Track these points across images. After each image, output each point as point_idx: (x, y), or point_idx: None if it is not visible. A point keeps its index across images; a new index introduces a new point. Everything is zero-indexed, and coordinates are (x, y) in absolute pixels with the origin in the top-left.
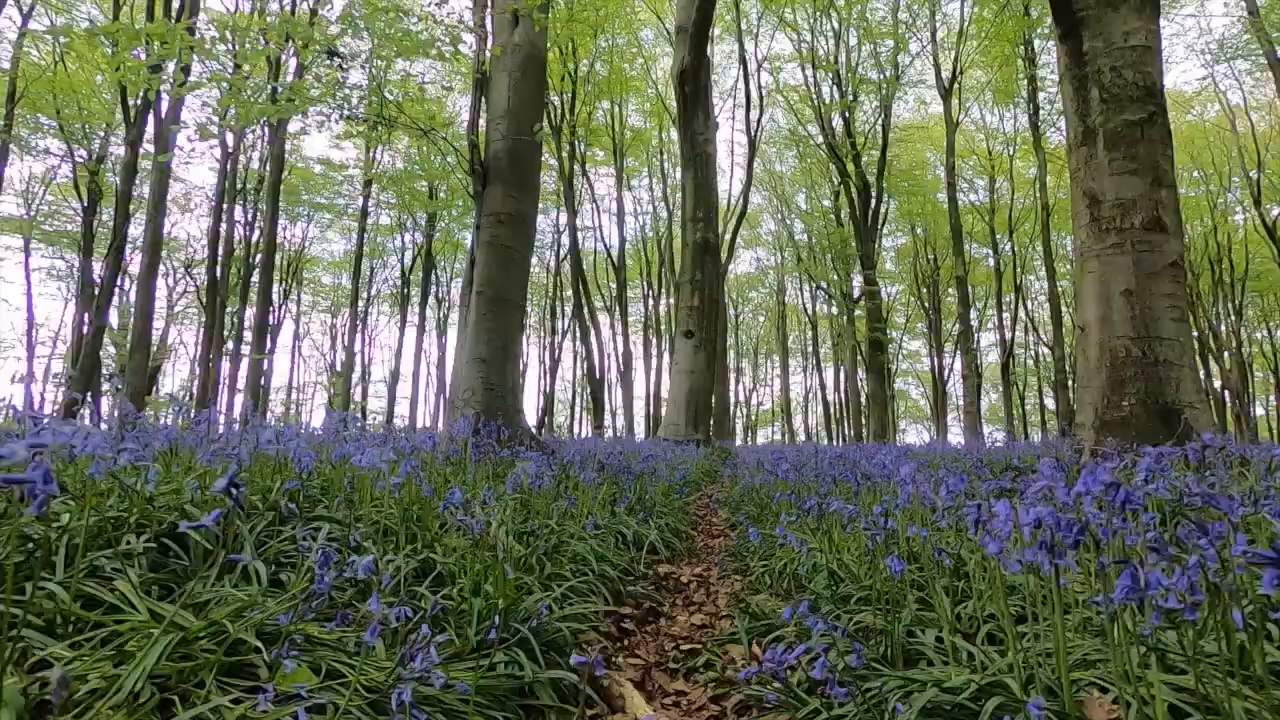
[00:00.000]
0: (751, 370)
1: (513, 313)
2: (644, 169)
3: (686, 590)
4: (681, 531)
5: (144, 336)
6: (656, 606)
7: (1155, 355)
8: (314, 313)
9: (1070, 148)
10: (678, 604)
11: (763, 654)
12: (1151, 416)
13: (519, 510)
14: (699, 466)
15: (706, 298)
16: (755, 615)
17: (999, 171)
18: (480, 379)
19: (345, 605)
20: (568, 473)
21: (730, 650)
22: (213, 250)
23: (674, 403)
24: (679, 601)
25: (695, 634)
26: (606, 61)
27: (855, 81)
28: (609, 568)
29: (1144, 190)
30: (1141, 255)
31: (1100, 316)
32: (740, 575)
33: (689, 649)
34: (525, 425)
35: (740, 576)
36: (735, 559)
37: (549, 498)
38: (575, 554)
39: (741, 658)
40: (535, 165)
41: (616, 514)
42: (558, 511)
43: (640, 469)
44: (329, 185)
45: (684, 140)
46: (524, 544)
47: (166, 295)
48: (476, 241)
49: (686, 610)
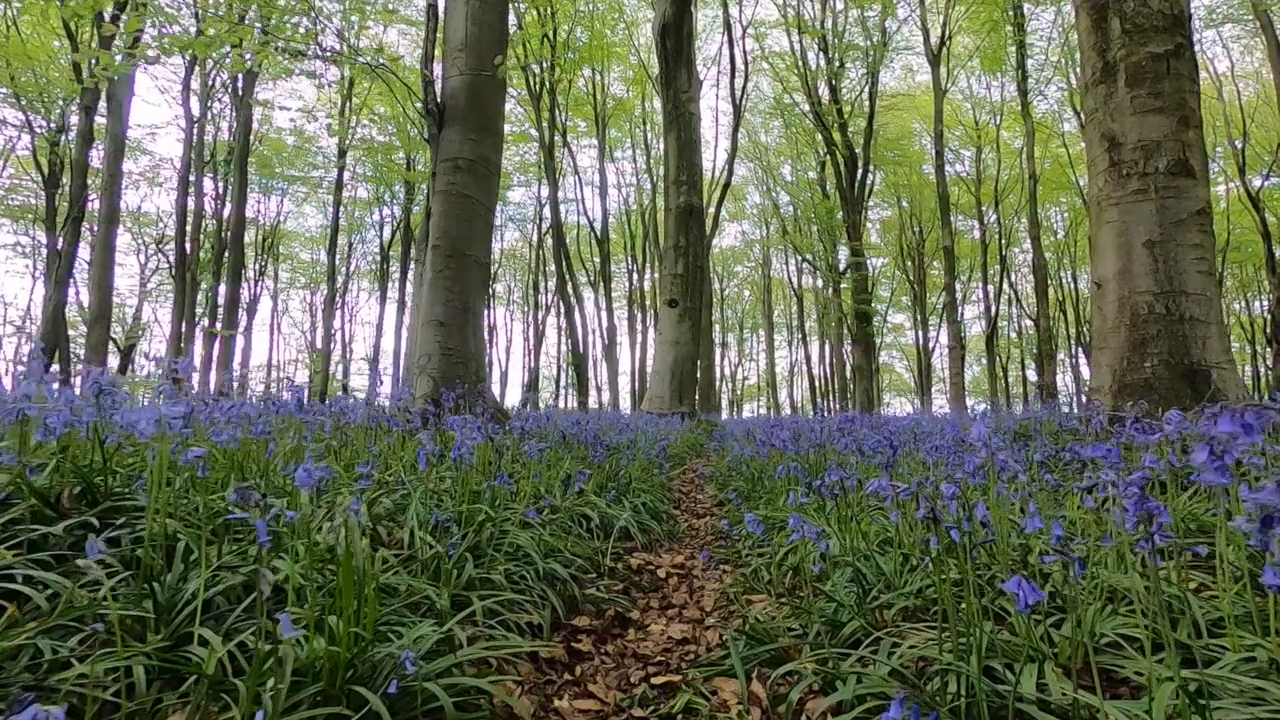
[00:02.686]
0: (737, 344)
1: (474, 270)
2: (627, 140)
3: (665, 588)
4: (661, 512)
5: (103, 310)
6: (624, 613)
7: (1180, 311)
8: (292, 289)
9: (1086, 86)
10: (652, 607)
11: (767, 694)
12: (1176, 378)
13: (459, 491)
14: (683, 439)
15: (691, 265)
16: (755, 634)
17: (985, 142)
18: (437, 343)
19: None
20: (523, 446)
21: (721, 689)
22: (180, 224)
23: (658, 374)
24: (654, 604)
25: (674, 654)
26: (586, 27)
27: (842, 48)
28: (559, 565)
29: (1170, 130)
30: (1166, 202)
31: (1119, 270)
32: (730, 565)
33: (664, 682)
34: (490, 395)
35: (730, 567)
36: (724, 544)
37: (486, 475)
38: (516, 548)
39: (737, 700)
40: (498, 105)
41: (585, 494)
42: (492, 492)
43: (615, 442)
44: (303, 157)
45: (666, 99)
46: (443, 537)
47: (139, 272)
48: (432, 190)
49: (663, 616)
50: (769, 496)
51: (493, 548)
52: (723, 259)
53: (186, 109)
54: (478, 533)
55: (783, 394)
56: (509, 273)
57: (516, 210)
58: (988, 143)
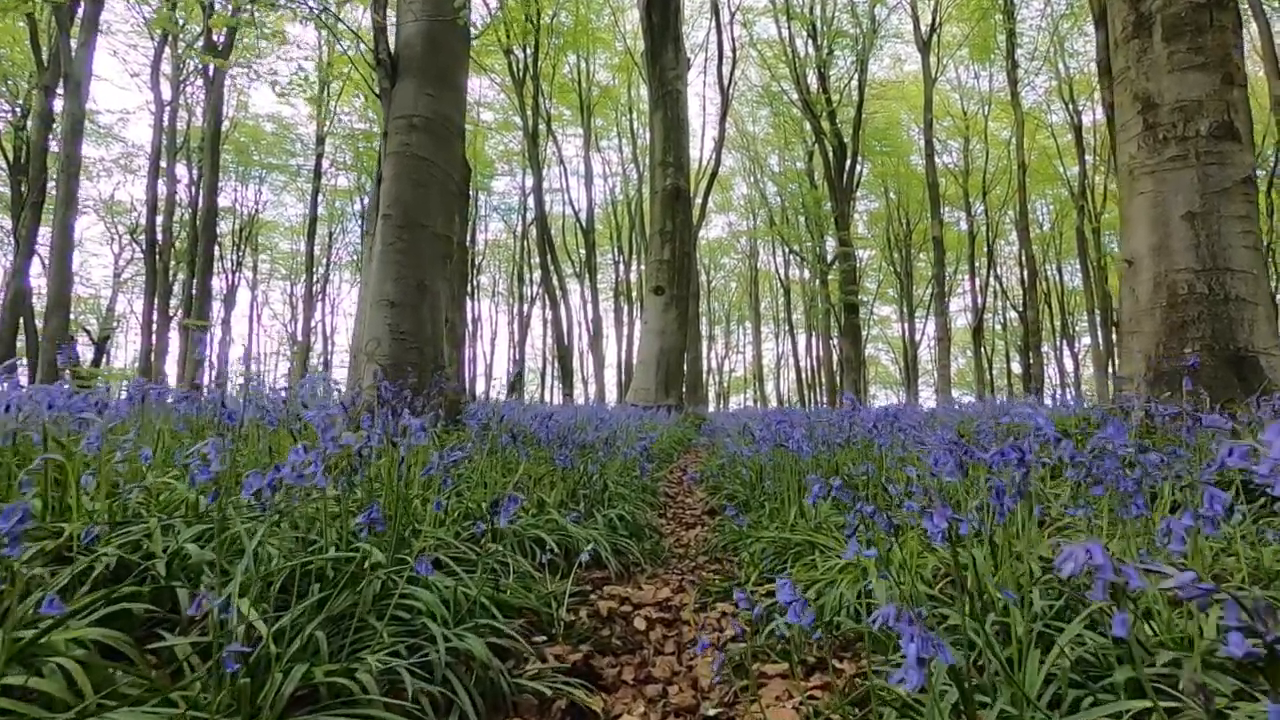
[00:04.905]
0: (724, 337)
1: (431, 242)
2: (613, 130)
3: (644, 646)
4: (643, 526)
5: (61, 298)
6: (582, 704)
7: (1225, 291)
8: (273, 281)
9: (1116, 44)
10: (625, 681)
11: None
12: (1221, 365)
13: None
14: (670, 434)
15: (678, 250)
16: None
17: (974, 132)
18: (388, 326)
19: None
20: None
21: None
22: (151, 210)
23: (643, 365)
24: (628, 675)
25: None
26: (571, 11)
27: (831, 35)
28: (473, 639)
29: (1212, 89)
30: (1209, 169)
31: (1155, 246)
32: (730, 603)
33: None
34: (450, 385)
35: (730, 607)
36: (720, 568)
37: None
38: (412, 611)
39: None
40: (460, 57)
41: (546, 508)
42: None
43: (590, 439)
44: (280, 144)
45: (652, 76)
46: (300, 602)
47: (114, 262)
48: (384, 154)
49: (641, 698)
50: (774, 507)
51: (376, 614)
52: (710, 251)
53: (156, 93)
54: (356, 590)
55: (769, 387)
56: (494, 264)
57: (501, 200)
58: (976, 133)
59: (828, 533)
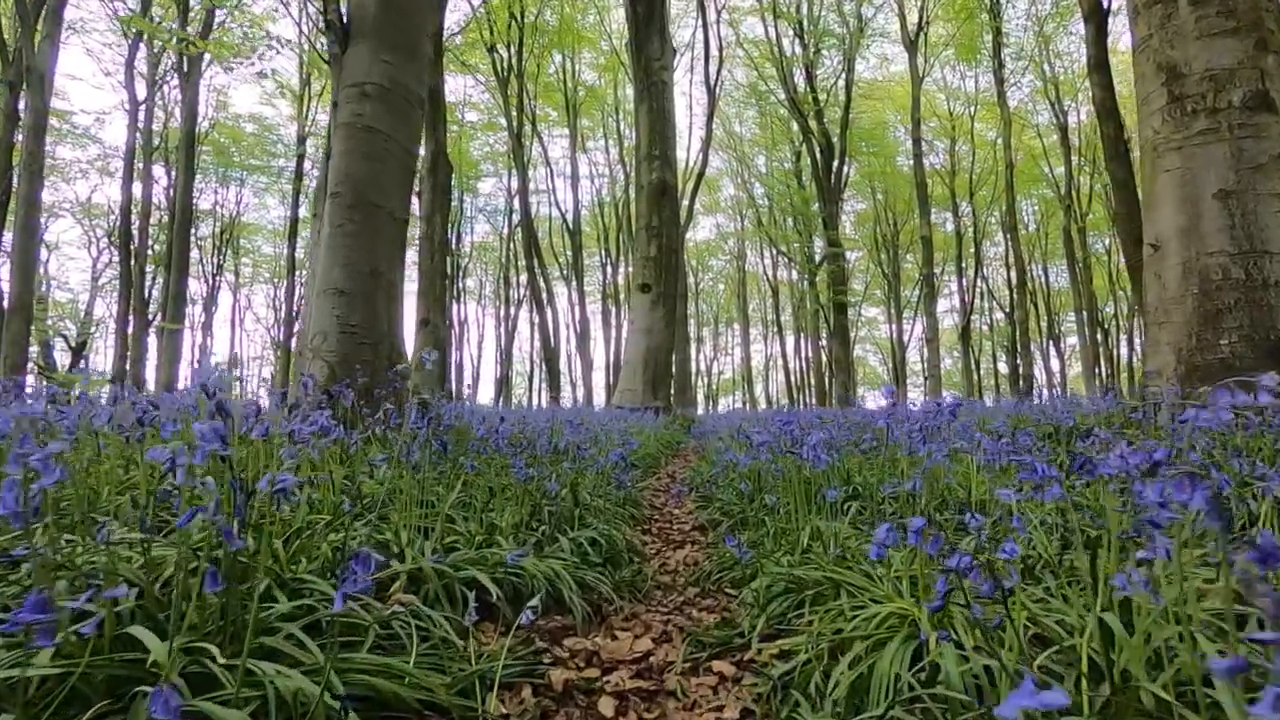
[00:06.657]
0: (712, 339)
1: (386, 225)
2: (600, 130)
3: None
4: (620, 549)
5: (23, 300)
6: None
7: (1263, 275)
8: (255, 284)
9: (1137, 10)
10: None
11: None
12: (1261, 356)
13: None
14: (657, 438)
15: (664, 247)
16: None
17: (960, 133)
18: (336, 318)
19: None
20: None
21: None
22: (125, 212)
23: (630, 365)
24: None
25: None
26: (556, 10)
27: (818, 34)
28: None
29: (1245, 56)
30: (1243, 143)
31: (1183, 228)
32: (731, 663)
33: None
34: (406, 385)
35: (732, 668)
36: (715, 602)
37: None
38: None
39: None
40: (423, 20)
41: (499, 533)
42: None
43: (564, 443)
44: (261, 145)
45: (637, 67)
46: None
47: (91, 266)
48: (333, 125)
49: None
50: (779, 526)
51: None
52: (698, 253)
53: (131, 92)
54: None
55: (758, 388)
56: (480, 266)
57: (487, 202)
58: (962, 134)
59: (854, 564)
